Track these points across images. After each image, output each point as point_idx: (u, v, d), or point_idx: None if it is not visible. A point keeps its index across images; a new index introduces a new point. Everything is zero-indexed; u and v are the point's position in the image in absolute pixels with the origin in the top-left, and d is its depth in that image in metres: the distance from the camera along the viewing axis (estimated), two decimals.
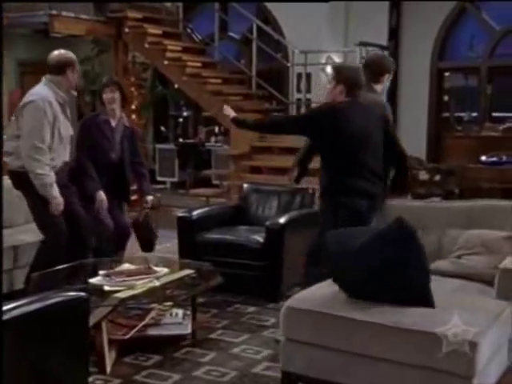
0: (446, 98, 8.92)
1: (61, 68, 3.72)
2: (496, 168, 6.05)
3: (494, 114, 8.30)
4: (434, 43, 8.29)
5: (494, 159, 6.09)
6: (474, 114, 8.38)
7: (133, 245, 4.43)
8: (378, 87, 3.72)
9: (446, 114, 8.76)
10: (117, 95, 4.17)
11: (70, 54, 3.80)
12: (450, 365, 2.34)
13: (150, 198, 4.39)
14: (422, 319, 2.47)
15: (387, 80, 3.78)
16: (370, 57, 4.04)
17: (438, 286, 2.81)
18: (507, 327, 2.62)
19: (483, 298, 2.73)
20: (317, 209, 5.02)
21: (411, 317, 2.49)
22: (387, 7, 8.19)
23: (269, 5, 8.82)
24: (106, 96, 4.17)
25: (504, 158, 6.02)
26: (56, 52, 3.79)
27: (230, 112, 3.64)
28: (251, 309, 4.00)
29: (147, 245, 4.33)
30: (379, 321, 2.50)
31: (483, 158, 6.12)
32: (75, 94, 4.01)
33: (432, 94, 8.25)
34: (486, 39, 8.27)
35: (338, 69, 3.47)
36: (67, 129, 3.76)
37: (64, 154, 3.76)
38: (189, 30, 8.74)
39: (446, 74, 8.80)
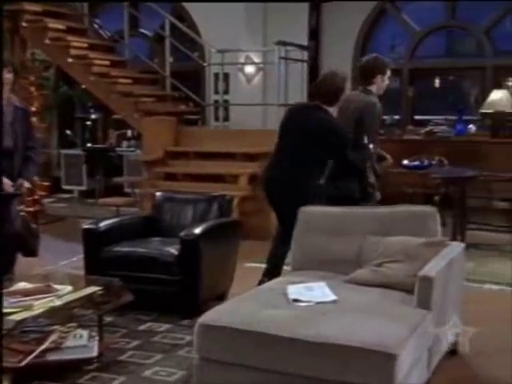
0: None
1: None
2: (418, 172, 6.29)
3: (416, 117, 8.66)
4: (355, 44, 8.55)
5: (416, 163, 6.32)
6: (397, 117, 8.70)
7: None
8: (373, 88, 4.32)
9: None
10: (11, 77, 4.04)
11: None
12: (370, 378, 2.39)
13: (22, 181, 4.19)
14: (340, 332, 2.51)
15: (383, 79, 4.36)
16: (361, 62, 4.60)
17: (357, 296, 2.88)
18: (427, 337, 2.71)
19: (403, 308, 2.81)
20: (234, 217, 5.07)
21: (330, 330, 2.53)
22: (307, 6, 8.37)
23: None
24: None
25: (426, 162, 6.27)
26: None
27: None
28: (165, 327, 3.93)
29: (26, 247, 4.15)
30: (297, 336, 2.52)
31: (405, 162, 6.34)
32: None
33: None
34: (407, 40, 8.63)
35: None
36: None
37: None
38: (96, 26, 8.56)
39: None
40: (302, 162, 4.03)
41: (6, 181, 4.02)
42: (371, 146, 4.21)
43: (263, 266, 5.48)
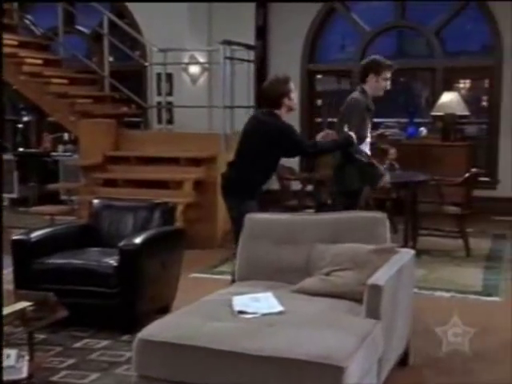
0: (318, 102, 9.32)
1: None
2: None
3: None
4: (304, 44, 8.64)
5: None
6: None
7: None
8: (366, 86, 4.67)
9: (319, 120, 9.14)
10: None
11: None
12: None
13: None
14: (287, 345, 2.51)
15: (377, 80, 4.62)
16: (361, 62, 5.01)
17: (305, 307, 2.90)
18: (376, 347, 2.74)
19: (352, 318, 2.84)
20: (178, 226, 5.03)
21: (274, 343, 2.53)
22: (253, 5, 8.42)
23: None
24: None
25: None
26: None
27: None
28: (103, 343, 3.87)
29: None
30: (241, 350, 2.51)
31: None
32: None
33: (303, 97, 8.56)
34: (357, 41, 8.78)
35: None
36: None
37: None
38: (27, 22, 8.38)
39: (318, 76, 9.20)
40: (255, 162, 4.27)
41: None
42: (352, 133, 4.49)
43: (210, 276, 5.49)
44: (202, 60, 8.40)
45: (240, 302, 3.00)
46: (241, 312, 2.90)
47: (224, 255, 6.04)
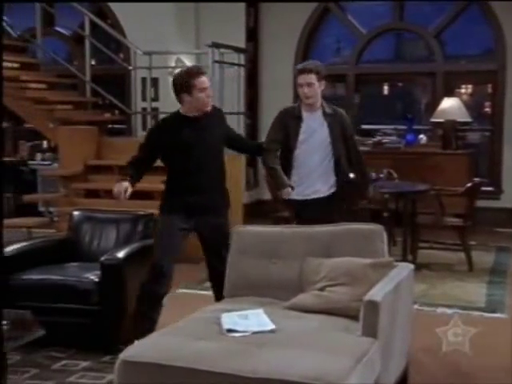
0: None
1: None
2: None
3: (363, 127, 8.84)
4: (297, 47, 8.67)
5: None
6: None
7: None
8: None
9: None
10: None
11: None
12: None
13: None
14: (278, 365, 2.50)
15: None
16: None
17: (298, 324, 2.89)
18: (373, 368, 2.73)
19: (347, 336, 2.83)
20: None
21: (266, 363, 2.52)
22: (243, 6, 8.45)
23: None
24: None
25: (373, 176, 6.37)
26: None
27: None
28: (83, 364, 3.84)
29: None
30: (230, 371, 2.50)
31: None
32: None
33: (296, 102, 8.58)
34: (353, 44, 8.82)
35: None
36: None
37: None
38: (3, 23, 8.37)
39: None
40: None
41: None
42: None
43: (197, 292, 5.47)
44: (188, 63, 8.41)
45: (229, 319, 2.99)
46: (230, 330, 2.89)
47: None
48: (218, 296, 3.97)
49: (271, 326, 2.94)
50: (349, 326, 2.97)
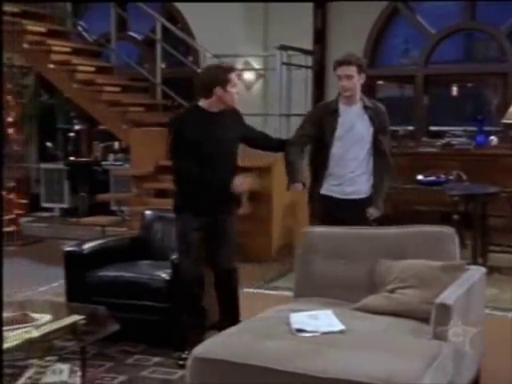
0: None
1: None
2: (434, 189, 6.29)
3: (432, 128, 8.69)
4: (365, 48, 8.60)
5: (432, 179, 6.32)
6: (410, 128, 8.73)
7: None
8: None
9: None
10: None
11: None
12: None
13: None
14: (348, 366, 2.50)
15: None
16: None
17: (368, 326, 2.88)
18: (445, 372, 2.69)
19: (418, 339, 2.80)
20: None
21: (337, 364, 2.52)
22: (311, 7, 8.43)
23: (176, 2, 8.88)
24: None
25: (442, 178, 6.27)
26: None
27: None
28: (154, 360, 3.92)
29: None
30: (300, 370, 2.52)
31: (420, 177, 6.36)
32: None
33: None
34: (422, 44, 8.68)
35: None
36: None
37: None
38: (80, 29, 8.62)
39: (379, 82, 9.14)
40: None
41: None
42: None
43: (263, 291, 5.51)
44: (257, 66, 8.46)
45: (298, 319, 3.00)
46: (299, 330, 2.90)
47: (279, 269, 6.06)
48: (221, 297, 4.04)
49: (341, 327, 2.93)
50: (419, 328, 2.94)
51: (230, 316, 4.00)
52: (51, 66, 7.34)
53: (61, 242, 7.28)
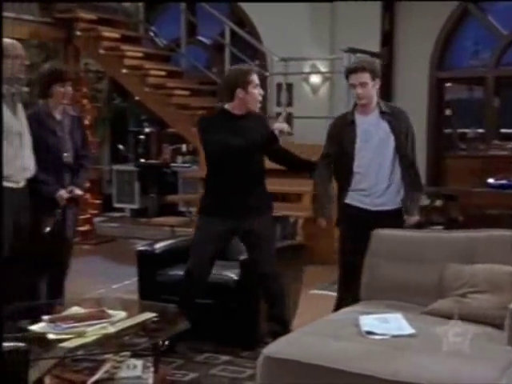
0: (447, 112, 9.08)
1: None
2: (505, 192, 6.15)
3: (503, 131, 8.47)
4: (433, 50, 8.45)
5: (503, 182, 6.19)
6: (480, 131, 8.53)
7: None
8: None
9: (448, 131, 8.91)
10: (71, 89, 4.19)
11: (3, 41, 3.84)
12: None
13: (73, 188, 4.22)
14: (419, 370, 2.48)
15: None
16: None
17: (440, 330, 2.83)
18: None
19: (491, 345, 2.75)
20: (299, 240, 5.08)
21: (408, 368, 2.50)
22: (379, 9, 8.35)
23: (244, 5, 8.94)
24: (59, 90, 4.12)
25: None
26: None
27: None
28: (224, 358, 3.96)
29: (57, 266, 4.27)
30: (371, 372, 2.51)
31: (490, 180, 6.22)
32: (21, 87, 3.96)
33: (431, 107, 8.37)
34: (493, 45, 8.47)
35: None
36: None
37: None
38: (151, 34, 8.80)
39: (448, 84, 8.96)
40: None
41: (62, 192, 4.16)
42: None
43: (329, 293, 5.49)
44: (323, 69, 8.44)
45: (368, 321, 2.99)
46: (369, 332, 2.89)
47: None
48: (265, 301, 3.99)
49: (411, 331, 2.91)
50: (491, 333, 2.88)
51: (276, 320, 3.98)
52: (124, 70, 7.52)
53: (131, 241, 7.46)
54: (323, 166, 4.13)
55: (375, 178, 3.96)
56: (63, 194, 4.15)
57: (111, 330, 3.17)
